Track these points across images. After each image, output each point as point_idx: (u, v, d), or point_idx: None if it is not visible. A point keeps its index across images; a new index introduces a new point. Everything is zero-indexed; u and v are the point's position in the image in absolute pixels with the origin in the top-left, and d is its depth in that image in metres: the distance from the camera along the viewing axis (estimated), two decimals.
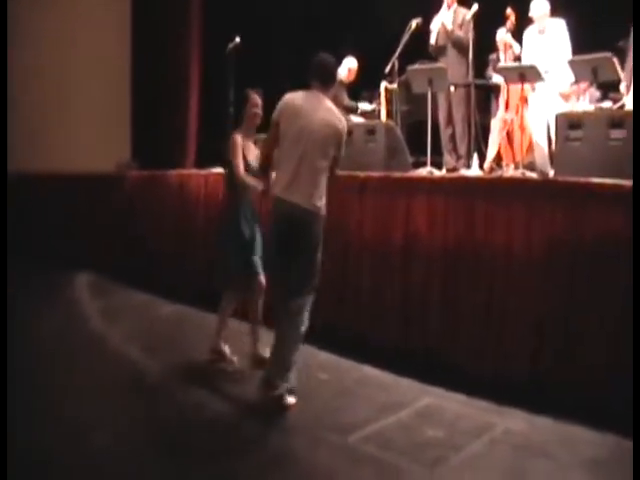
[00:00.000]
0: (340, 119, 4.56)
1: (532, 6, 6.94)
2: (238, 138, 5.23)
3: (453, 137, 7.67)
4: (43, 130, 10.43)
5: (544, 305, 4.56)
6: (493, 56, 7.94)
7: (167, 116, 10.58)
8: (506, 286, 4.79)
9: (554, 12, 6.91)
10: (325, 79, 4.59)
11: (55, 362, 5.46)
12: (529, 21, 7.04)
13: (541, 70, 6.31)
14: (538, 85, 6.75)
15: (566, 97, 6.74)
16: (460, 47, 7.46)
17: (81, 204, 9.71)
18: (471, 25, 7.32)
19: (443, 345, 5.12)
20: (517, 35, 7.72)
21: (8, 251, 8.64)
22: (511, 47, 7.73)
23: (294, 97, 4.54)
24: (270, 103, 4.80)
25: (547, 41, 6.84)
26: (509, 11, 7.63)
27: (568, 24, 6.79)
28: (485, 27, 7.61)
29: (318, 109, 4.49)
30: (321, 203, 4.43)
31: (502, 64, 7.48)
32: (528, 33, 7.08)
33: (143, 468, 3.70)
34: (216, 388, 4.88)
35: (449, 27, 7.54)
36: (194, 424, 4.30)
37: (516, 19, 7.63)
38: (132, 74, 11.60)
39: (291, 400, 4.39)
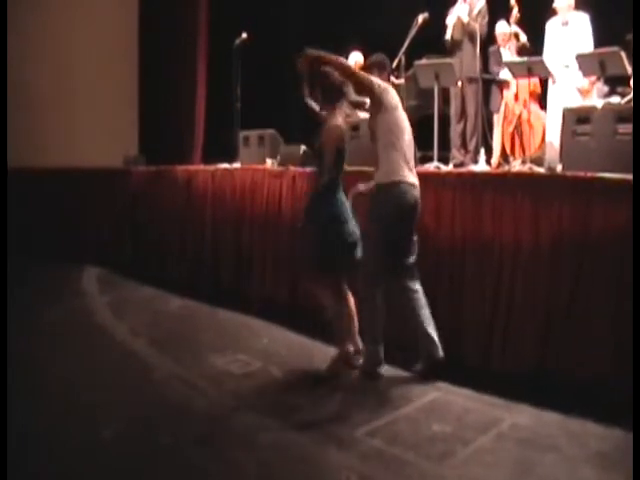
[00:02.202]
0: None
1: None
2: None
3: (464, 132, 7.66)
4: (51, 125, 10.46)
5: (551, 300, 4.55)
6: (493, 49, 7.89)
7: (175, 111, 10.61)
8: (513, 281, 4.79)
9: (577, 5, 6.90)
10: (385, 70, 5.25)
11: (62, 355, 5.48)
12: (552, 12, 7.02)
13: (561, 64, 6.30)
14: (558, 79, 6.76)
15: (584, 93, 6.71)
16: (474, 40, 7.45)
17: (89, 198, 9.73)
18: (482, 18, 7.31)
19: (450, 340, 5.11)
20: (521, 26, 7.72)
21: (15, 246, 8.68)
22: (515, 37, 7.70)
23: (388, 87, 4.96)
24: (275, 96, 4.81)
25: (570, 34, 6.81)
26: (513, 2, 7.59)
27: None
28: (492, 19, 7.60)
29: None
30: None
31: (508, 58, 7.46)
32: (551, 24, 7.06)
33: (146, 461, 3.72)
34: (221, 382, 4.90)
35: (465, 20, 7.53)
36: (199, 417, 4.32)
37: (520, 10, 7.60)
38: (140, 69, 11.64)
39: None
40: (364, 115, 8.34)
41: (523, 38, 7.68)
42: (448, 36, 7.66)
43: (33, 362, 5.23)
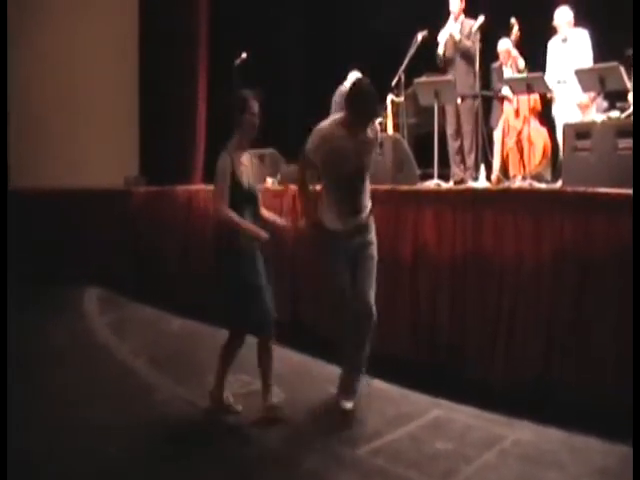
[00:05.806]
0: None
1: (555, 15, 6.98)
2: (227, 159, 4.49)
3: (461, 149, 7.67)
4: (51, 145, 10.47)
5: (553, 317, 4.53)
6: (496, 65, 7.92)
7: (175, 132, 10.62)
8: (515, 298, 4.77)
9: (577, 22, 6.95)
10: None
11: (63, 375, 5.46)
12: (553, 31, 7.06)
13: (556, 80, 6.30)
14: (558, 97, 6.79)
15: (583, 108, 6.73)
16: (468, 58, 7.48)
17: (90, 219, 9.73)
18: (478, 36, 7.33)
19: (452, 357, 5.09)
20: (521, 46, 7.74)
21: (16, 266, 8.66)
22: (516, 60, 7.73)
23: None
24: (275, 115, 4.79)
25: (569, 50, 6.88)
26: (513, 21, 7.62)
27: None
28: (491, 37, 7.62)
29: None
30: None
31: (508, 75, 7.49)
32: (552, 43, 7.12)
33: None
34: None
35: (457, 37, 7.56)
36: (200, 438, 4.29)
37: (520, 29, 7.63)
38: (140, 89, 11.66)
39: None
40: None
41: (521, 64, 7.70)
42: (440, 51, 7.69)
43: (33, 381, 5.21)
